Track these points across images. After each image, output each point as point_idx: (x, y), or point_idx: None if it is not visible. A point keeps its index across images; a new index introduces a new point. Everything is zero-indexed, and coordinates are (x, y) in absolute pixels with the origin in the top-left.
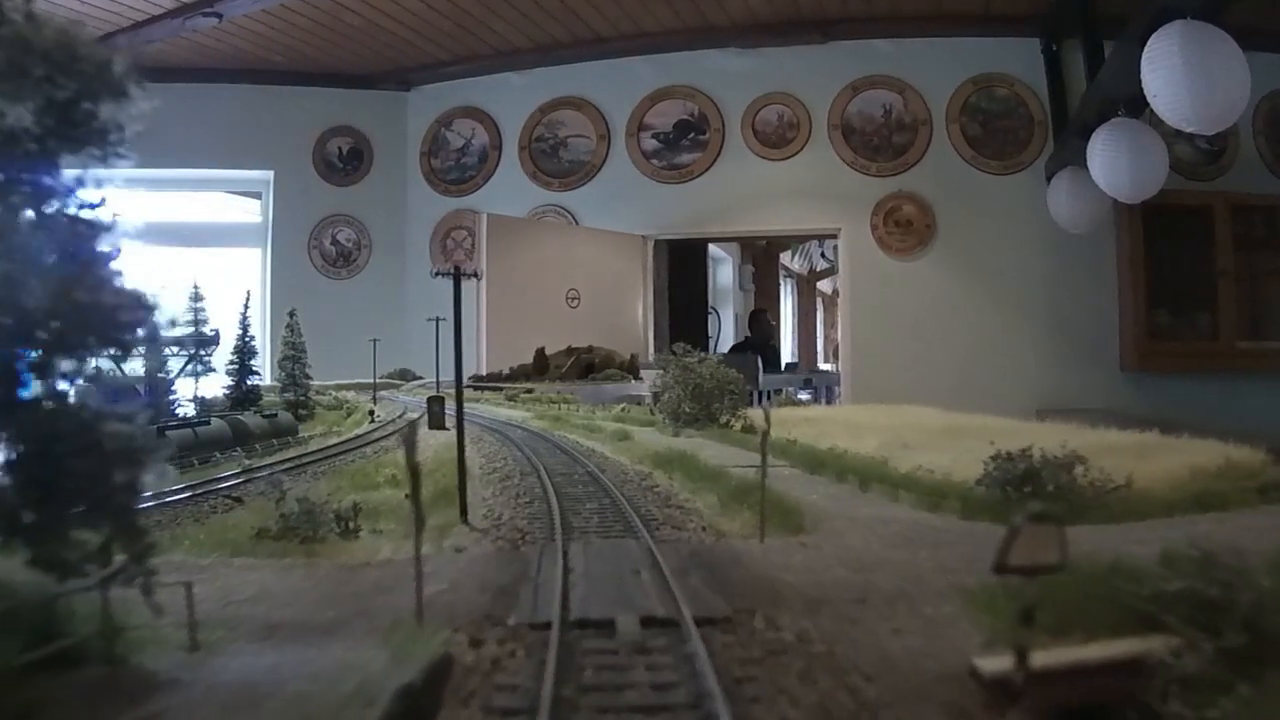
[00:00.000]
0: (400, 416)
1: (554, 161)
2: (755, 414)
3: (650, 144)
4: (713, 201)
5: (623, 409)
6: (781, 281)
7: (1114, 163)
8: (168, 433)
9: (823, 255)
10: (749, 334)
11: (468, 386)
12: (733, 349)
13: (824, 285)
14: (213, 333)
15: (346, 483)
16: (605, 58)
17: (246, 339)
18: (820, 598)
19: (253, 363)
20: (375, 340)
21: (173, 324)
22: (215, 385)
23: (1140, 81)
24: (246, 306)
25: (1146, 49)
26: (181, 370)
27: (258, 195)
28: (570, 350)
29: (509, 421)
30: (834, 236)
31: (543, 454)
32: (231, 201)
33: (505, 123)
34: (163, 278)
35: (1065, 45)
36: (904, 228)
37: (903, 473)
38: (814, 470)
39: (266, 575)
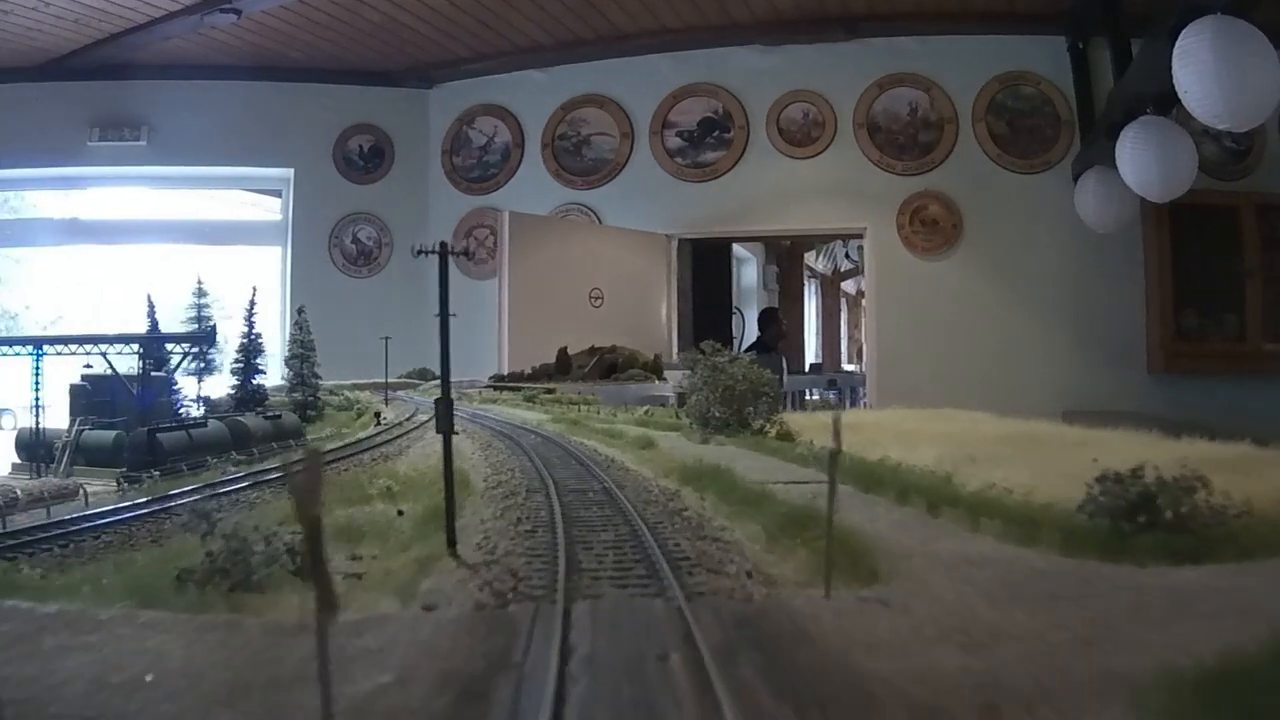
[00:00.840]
0: (409, 418)
1: (577, 159)
2: (796, 420)
3: (674, 142)
4: (737, 200)
5: (646, 411)
6: (806, 282)
7: (1143, 161)
8: (159, 435)
9: (847, 255)
10: (759, 334)
11: (487, 386)
12: (744, 350)
13: (848, 286)
14: (208, 329)
15: (333, 496)
16: (628, 55)
17: (252, 336)
18: (933, 704)
19: (259, 361)
20: (387, 338)
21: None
22: (222, 385)
23: (1169, 79)
24: (253, 303)
25: (1178, 44)
26: (176, 368)
27: (278, 193)
28: (593, 350)
29: (523, 425)
30: (859, 236)
31: (555, 465)
32: (250, 200)
33: (528, 120)
34: (182, 276)
35: (1091, 43)
36: (930, 227)
37: (975, 491)
38: (868, 488)
39: (170, 640)
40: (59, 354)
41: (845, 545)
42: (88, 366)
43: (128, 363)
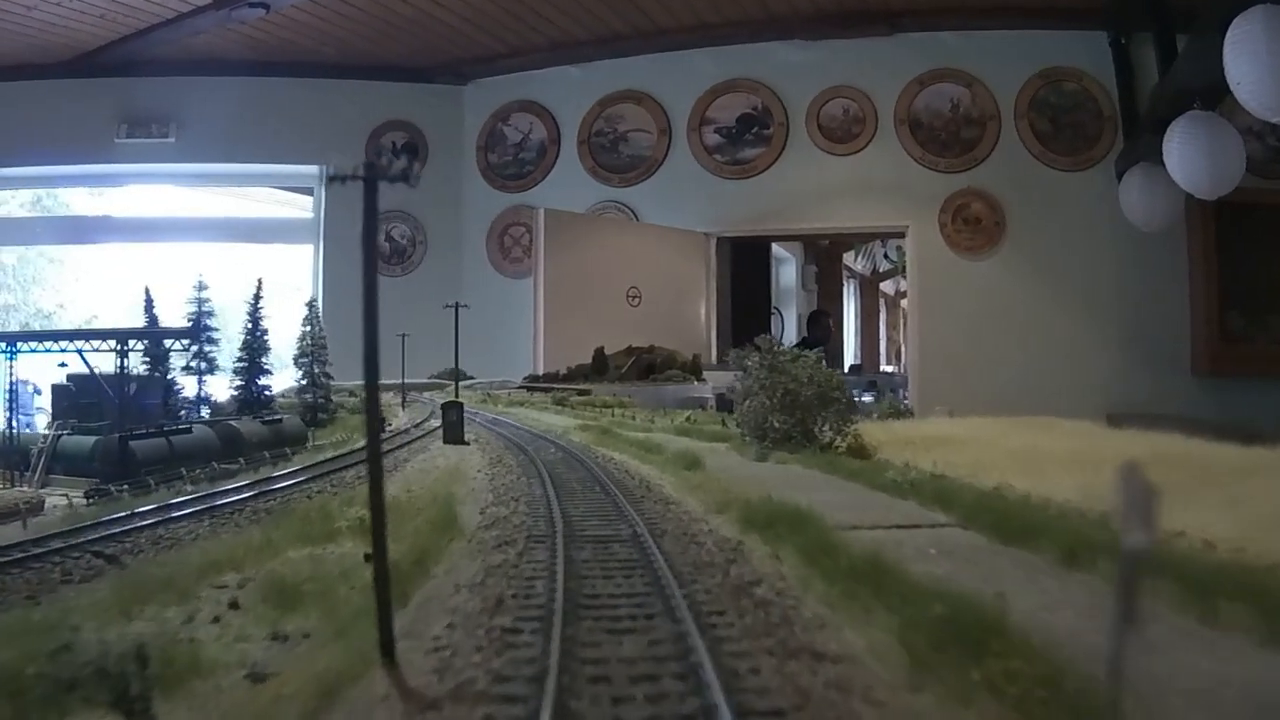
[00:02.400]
0: (419, 424)
1: (614, 156)
2: (866, 430)
3: (712, 139)
4: (777, 198)
5: (688, 418)
6: (845, 282)
7: (1191, 157)
8: (132, 443)
9: (885, 256)
10: (806, 334)
11: (520, 387)
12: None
13: (886, 286)
14: (190, 323)
15: (292, 530)
16: (665, 50)
17: (257, 334)
18: None
19: (264, 360)
20: (404, 336)
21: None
22: (228, 387)
23: (1217, 72)
24: (258, 297)
25: (1229, 35)
26: (158, 368)
27: (309, 191)
28: (631, 350)
29: (546, 433)
30: (901, 235)
31: (574, 493)
32: (285, 198)
33: (563, 117)
34: (214, 273)
35: (1133, 39)
36: (973, 226)
37: (1180, 551)
38: (1008, 539)
39: None
40: (33, 351)
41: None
42: (63, 365)
43: (127, 362)
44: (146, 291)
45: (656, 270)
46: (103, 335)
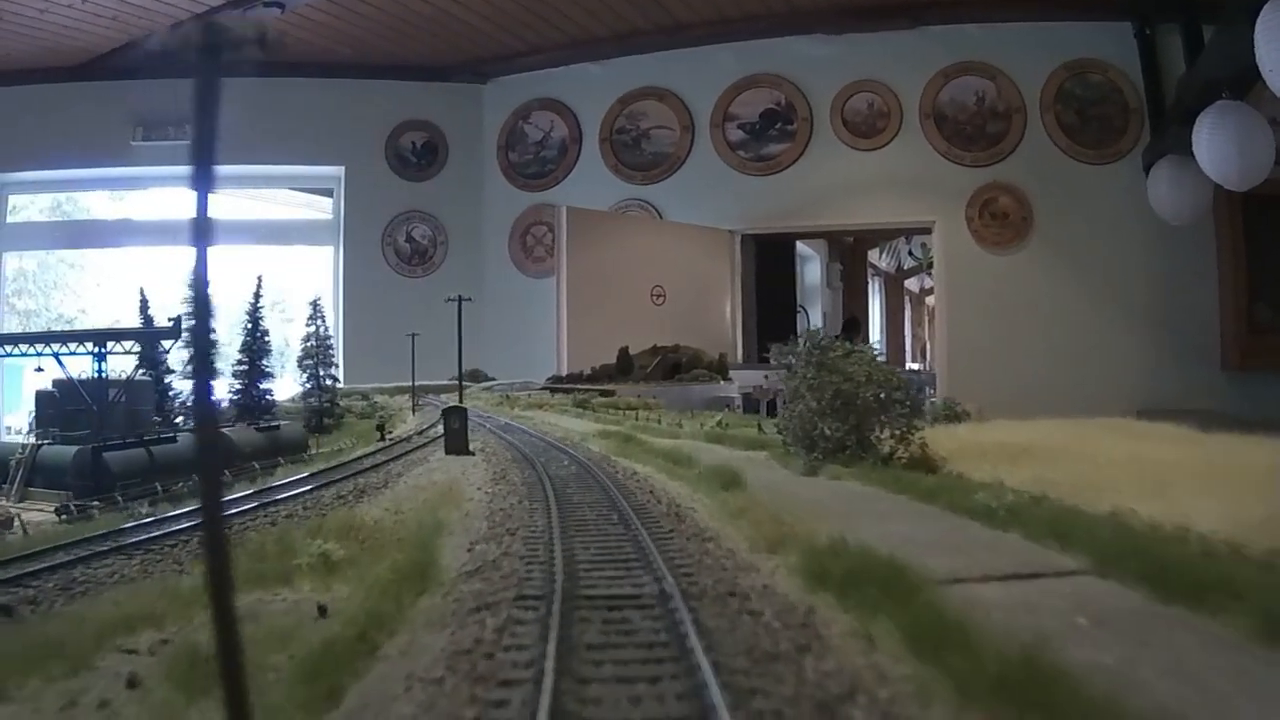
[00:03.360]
0: (423, 431)
1: (636, 154)
2: (935, 436)
3: (736, 135)
4: (802, 194)
5: (719, 422)
6: (869, 280)
7: (1221, 147)
8: (106, 455)
9: (910, 253)
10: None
11: (542, 388)
12: None
13: (911, 284)
14: (170, 322)
15: (239, 569)
16: (686, 46)
17: (258, 335)
18: None
19: (265, 363)
20: (414, 335)
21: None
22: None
23: (1246, 62)
24: (258, 295)
25: (1260, 20)
26: (136, 369)
27: (329, 192)
28: (655, 349)
29: (561, 442)
30: (927, 230)
31: (586, 525)
32: (305, 200)
33: (585, 114)
34: (237, 276)
35: (1158, 29)
36: (1000, 220)
37: None
38: (1164, 593)
39: None
40: (6, 355)
41: None
42: (39, 370)
43: (123, 365)
44: (141, 292)
45: (680, 268)
46: (79, 337)
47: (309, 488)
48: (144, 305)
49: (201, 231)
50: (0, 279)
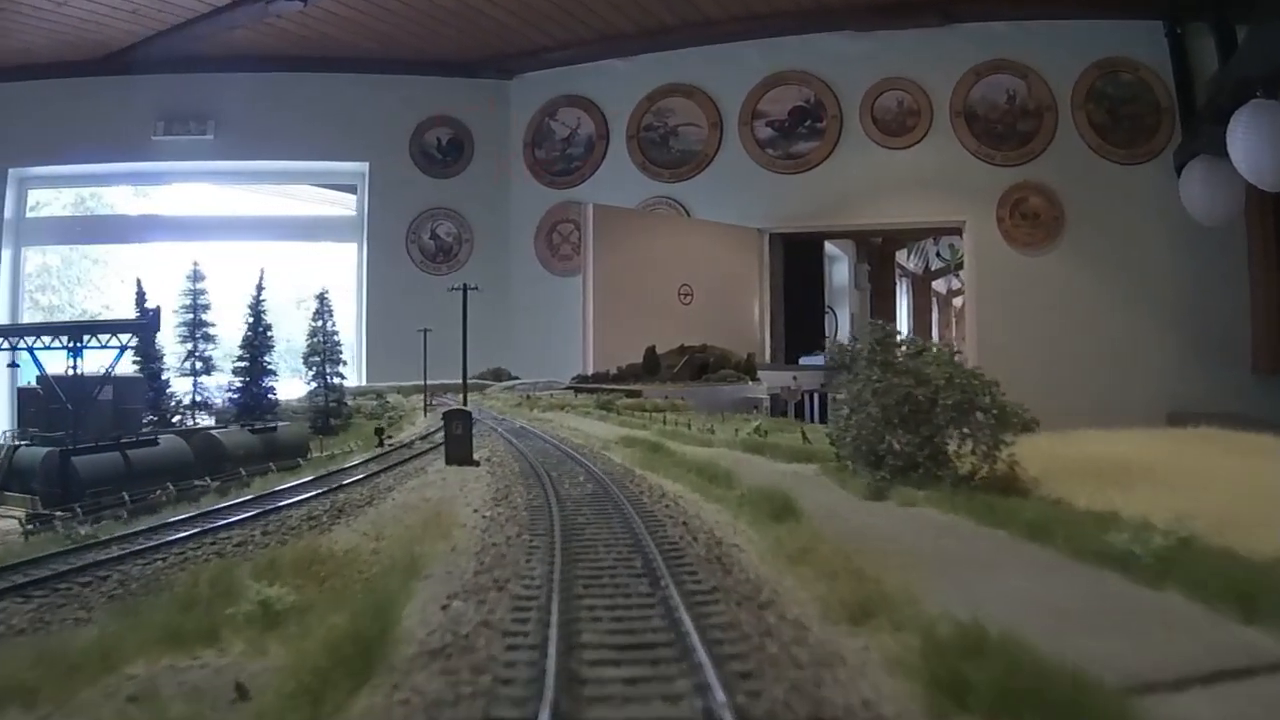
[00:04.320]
0: (426, 435)
1: (664, 151)
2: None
3: (765, 132)
4: (831, 193)
5: (757, 428)
6: (897, 281)
7: (1256, 146)
8: (75, 459)
9: (938, 254)
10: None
11: (567, 388)
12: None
13: (938, 285)
14: (148, 314)
15: (155, 622)
16: (714, 42)
17: (259, 330)
18: None
19: (267, 360)
20: (425, 330)
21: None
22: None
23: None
24: (260, 289)
25: None
26: (114, 363)
27: (353, 188)
28: (683, 349)
29: (580, 449)
30: (958, 231)
31: (600, 576)
32: (333, 198)
33: (612, 111)
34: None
35: (1189, 28)
36: (1031, 220)
37: None
38: None
39: None
40: None
41: None
42: (14, 366)
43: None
44: (138, 283)
45: (709, 267)
46: (52, 330)
47: (272, 506)
48: (140, 298)
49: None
50: (20, 274)
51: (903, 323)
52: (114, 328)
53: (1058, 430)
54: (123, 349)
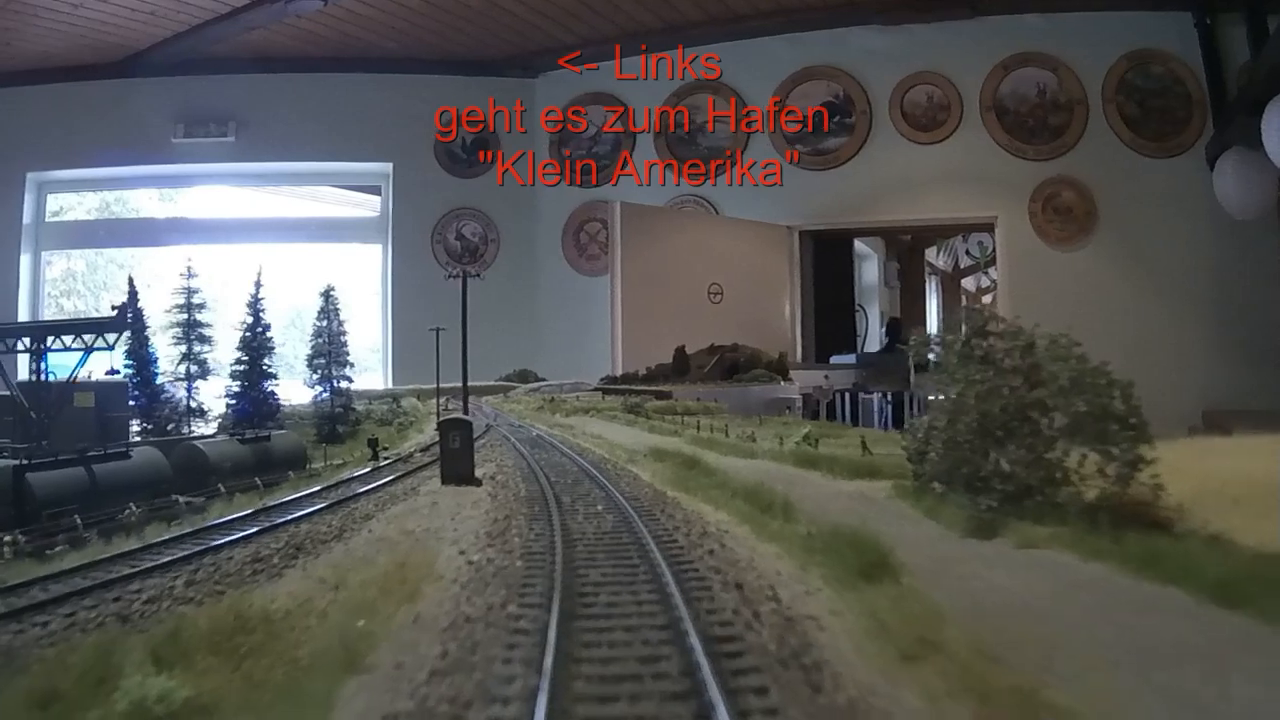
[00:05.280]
0: (428, 448)
1: (691, 148)
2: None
3: (793, 128)
4: (861, 189)
5: (806, 435)
6: (926, 278)
7: None
8: (31, 475)
9: (967, 252)
10: (889, 338)
11: (595, 389)
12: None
13: (968, 283)
14: (113, 313)
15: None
16: (741, 37)
17: (258, 330)
18: None
19: (267, 363)
20: (438, 330)
21: None
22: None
23: None
24: (259, 286)
25: None
26: (79, 365)
27: (377, 189)
28: (713, 349)
29: (602, 464)
30: (990, 227)
31: (618, 691)
32: (357, 199)
33: (638, 109)
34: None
35: (1219, 19)
36: (1063, 215)
37: None
38: None
39: None
40: None
41: None
42: None
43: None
44: (130, 282)
45: (738, 265)
46: (12, 332)
47: (208, 544)
48: (132, 298)
49: None
50: (39, 278)
51: (932, 322)
52: (81, 327)
53: None
54: (88, 350)
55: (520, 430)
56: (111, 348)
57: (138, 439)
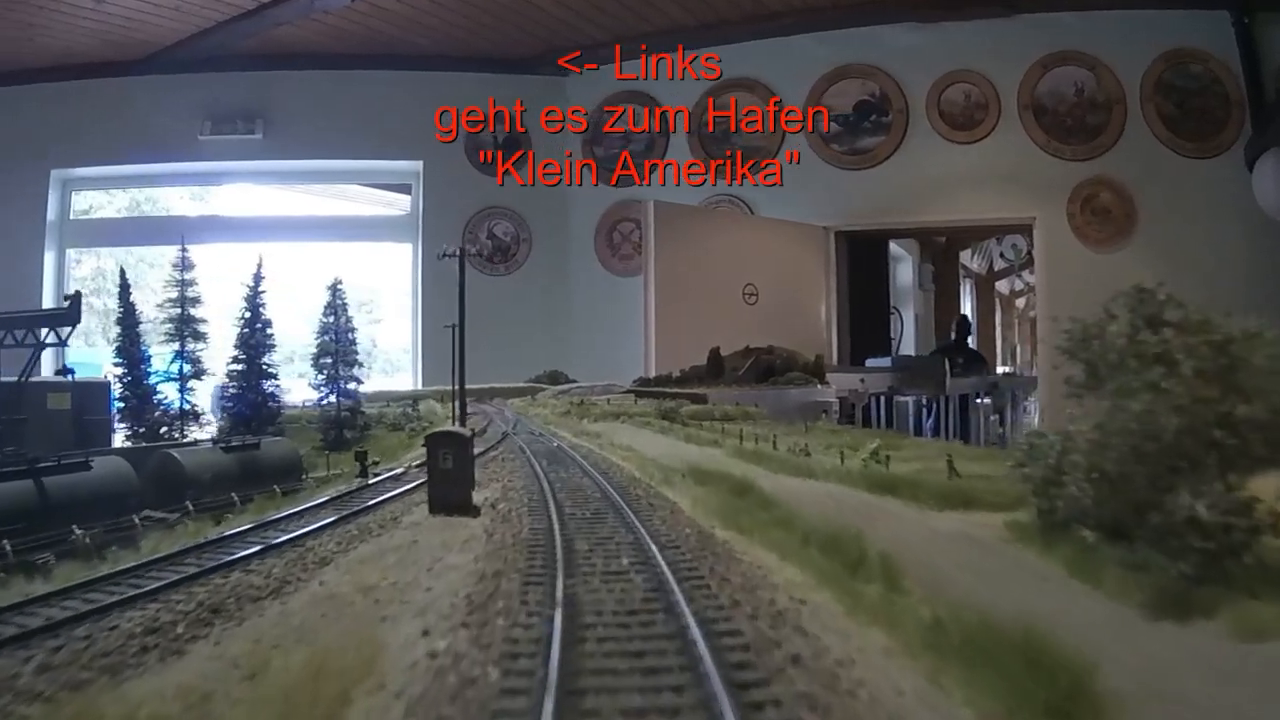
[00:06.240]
0: (420, 464)
1: (725, 147)
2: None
3: (829, 127)
4: (898, 189)
5: (874, 453)
6: (961, 281)
7: None
8: None
9: (1001, 255)
10: (953, 337)
11: (627, 392)
12: (934, 352)
13: (1001, 286)
14: (65, 303)
15: None
16: (775, 35)
17: (257, 327)
18: None
19: (266, 361)
20: (453, 326)
21: None
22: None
23: None
24: (258, 278)
25: None
26: (31, 363)
27: (407, 188)
28: (748, 350)
29: (631, 489)
30: (1028, 227)
31: None
32: (377, 196)
33: (672, 107)
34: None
35: (1257, 18)
36: (1102, 216)
37: None
38: None
39: None
40: None
41: None
42: None
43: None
44: (122, 273)
45: (773, 266)
46: None
47: (96, 604)
48: (124, 290)
49: None
50: (64, 276)
51: None
52: (25, 321)
53: None
54: (40, 346)
55: (539, 441)
56: (64, 343)
57: (129, 445)
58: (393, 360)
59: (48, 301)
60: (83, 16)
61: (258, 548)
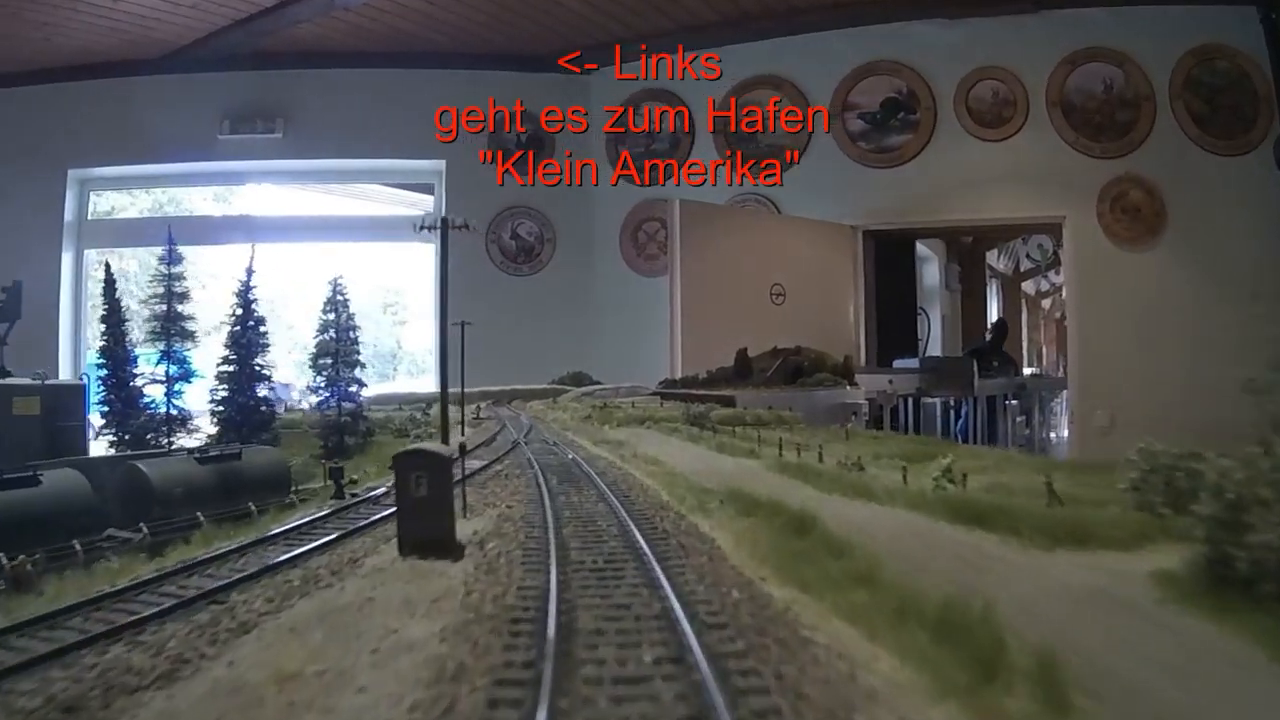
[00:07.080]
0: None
1: (752, 146)
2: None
3: (856, 125)
4: (925, 188)
5: (945, 471)
6: (987, 282)
7: None
8: None
9: (1028, 255)
10: (988, 339)
11: (653, 393)
12: (968, 353)
13: (1027, 286)
14: (10, 287)
15: None
16: (801, 32)
17: (249, 325)
18: None
19: (261, 363)
20: (463, 323)
21: None
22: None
23: None
24: (250, 272)
25: None
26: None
27: (429, 188)
28: (776, 351)
29: (657, 524)
30: (1057, 226)
31: None
32: (397, 196)
33: (697, 105)
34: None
35: None
36: (1132, 215)
37: None
38: None
39: None
40: None
41: None
42: None
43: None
44: (107, 268)
45: (801, 266)
46: None
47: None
48: (109, 285)
49: None
50: (82, 276)
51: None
52: None
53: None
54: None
55: (552, 452)
56: (4, 341)
57: (113, 453)
58: (418, 362)
59: (65, 302)
60: (99, 15)
61: (162, 606)
